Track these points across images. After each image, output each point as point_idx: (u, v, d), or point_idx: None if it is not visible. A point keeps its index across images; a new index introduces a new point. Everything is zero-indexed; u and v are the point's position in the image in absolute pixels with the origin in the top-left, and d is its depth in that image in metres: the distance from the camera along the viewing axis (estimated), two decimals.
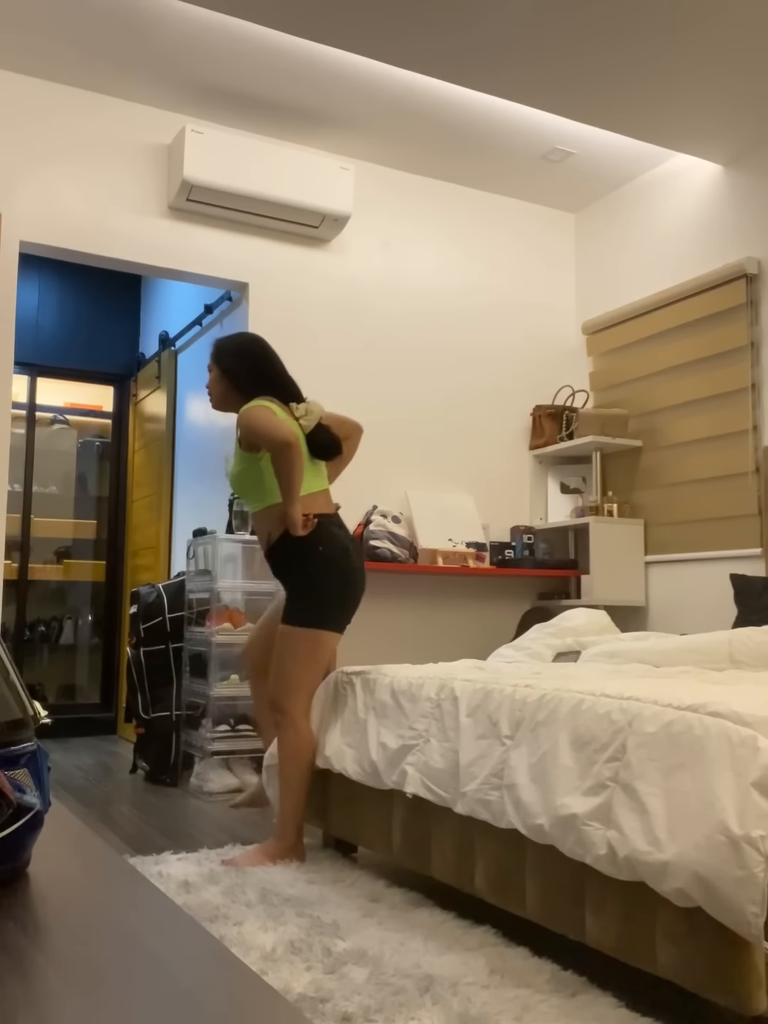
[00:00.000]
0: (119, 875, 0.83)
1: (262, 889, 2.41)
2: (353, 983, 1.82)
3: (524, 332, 5.23)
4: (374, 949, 2.00)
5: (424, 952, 2.00)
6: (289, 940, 2.04)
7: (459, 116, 4.40)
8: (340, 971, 1.87)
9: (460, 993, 1.78)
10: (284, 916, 2.21)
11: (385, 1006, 1.71)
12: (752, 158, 4.43)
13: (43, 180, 4.16)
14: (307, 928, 2.12)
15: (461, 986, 1.81)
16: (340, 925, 2.15)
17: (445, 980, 1.83)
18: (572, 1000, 1.77)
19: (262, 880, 2.49)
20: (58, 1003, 0.56)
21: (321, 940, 2.04)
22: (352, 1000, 1.73)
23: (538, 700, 2.11)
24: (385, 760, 2.49)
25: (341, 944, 2.02)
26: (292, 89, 4.20)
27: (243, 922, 2.16)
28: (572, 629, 3.62)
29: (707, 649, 3.02)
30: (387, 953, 1.98)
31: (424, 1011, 1.70)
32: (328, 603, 2.82)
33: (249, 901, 2.32)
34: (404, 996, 1.76)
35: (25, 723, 0.83)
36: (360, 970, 1.88)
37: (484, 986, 1.82)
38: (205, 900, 2.31)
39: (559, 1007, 1.74)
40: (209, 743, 3.92)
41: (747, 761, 1.63)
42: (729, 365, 4.39)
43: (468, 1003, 1.73)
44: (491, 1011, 1.70)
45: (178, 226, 4.41)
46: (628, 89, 3.94)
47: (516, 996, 1.77)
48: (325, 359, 4.69)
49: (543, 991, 1.81)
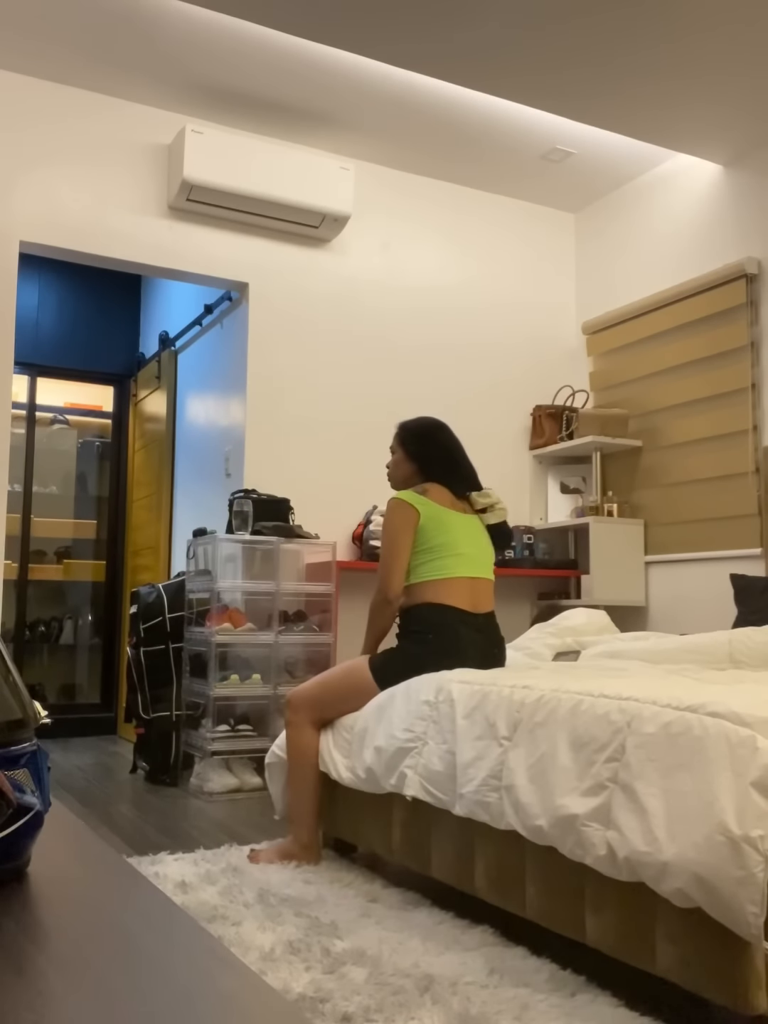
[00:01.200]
0: (119, 875, 0.83)
1: (259, 889, 2.41)
2: (353, 983, 1.82)
3: (524, 332, 5.23)
4: (373, 949, 2.00)
5: (423, 952, 2.00)
6: (288, 940, 2.04)
7: (459, 116, 4.40)
8: (339, 971, 1.87)
9: (460, 993, 1.78)
10: (282, 916, 2.21)
11: (385, 1006, 1.71)
12: (752, 158, 4.43)
13: (43, 180, 4.16)
14: (305, 928, 2.12)
15: (460, 986, 1.81)
16: (338, 925, 2.15)
17: (444, 980, 1.84)
18: (571, 999, 1.77)
19: (259, 880, 2.49)
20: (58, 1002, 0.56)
21: (320, 940, 2.04)
22: (352, 1000, 1.73)
23: (536, 701, 2.10)
24: (382, 764, 2.49)
25: (340, 944, 2.02)
26: (292, 89, 4.20)
27: (241, 922, 2.16)
28: (572, 629, 3.62)
29: (707, 649, 3.02)
30: (386, 953, 1.98)
31: (424, 1011, 1.70)
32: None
33: (247, 901, 2.32)
34: (404, 996, 1.76)
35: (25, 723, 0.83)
36: (359, 970, 1.88)
37: (483, 986, 1.82)
38: (203, 900, 2.31)
39: (558, 1006, 1.74)
40: (209, 743, 3.92)
41: (746, 761, 1.63)
42: (729, 365, 4.39)
43: (468, 1003, 1.73)
44: (491, 1011, 1.70)
45: (178, 226, 4.41)
46: (628, 89, 3.94)
47: (515, 996, 1.77)
48: (325, 359, 4.69)
49: (542, 990, 1.81)
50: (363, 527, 4.53)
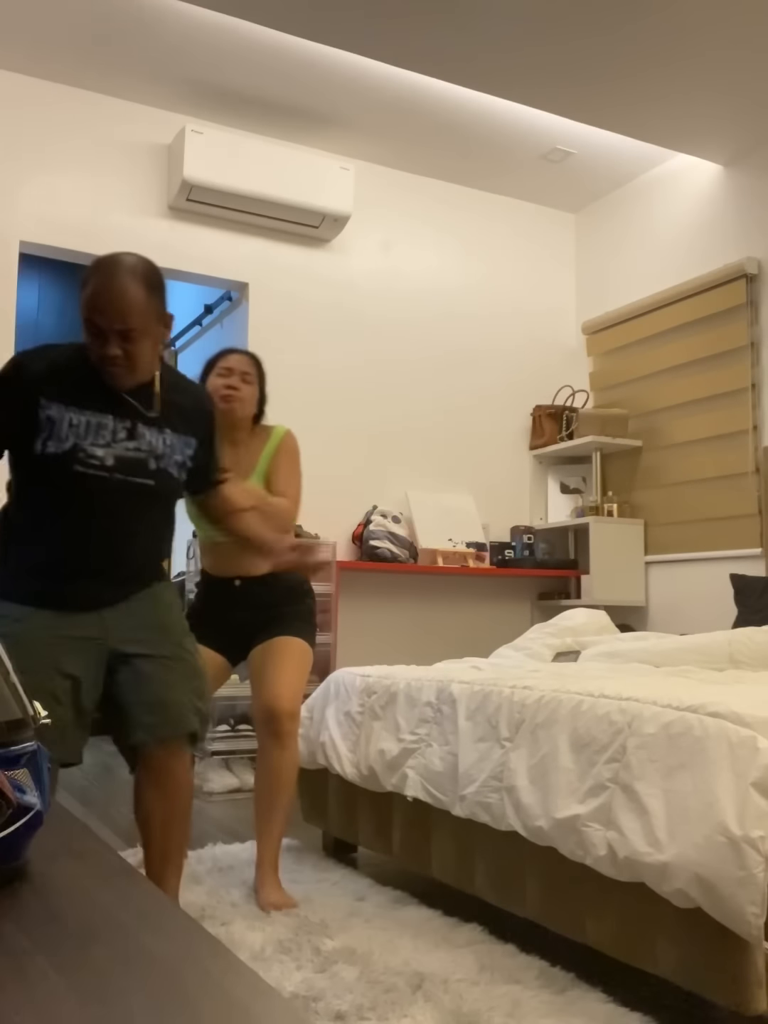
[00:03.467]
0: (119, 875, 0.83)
1: (248, 889, 2.41)
2: (344, 981, 1.82)
3: (524, 332, 5.23)
4: (363, 947, 2.00)
5: (413, 949, 2.00)
6: (278, 939, 2.04)
7: (459, 116, 4.40)
8: (331, 970, 1.87)
9: (451, 990, 1.78)
10: (271, 916, 2.21)
11: (378, 1004, 1.71)
12: (752, 158, 4.43)
13: (43, 180, 4.16)
14: (295, 928, 2.12)
15: (452, 983, 1.81)
16: (328, 924, 2.15)
17: (436, 977, 1.84)
18: (561, 996, 1.77)
19: (246, 880, 2.49)
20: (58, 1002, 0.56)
21: (310, 939, 2.04)
22: (344, 998, 1.73)
23: (537, 702, 2.10)
24: (384, 764, 2.49)
25: (330, 943, 2.03)
26: (292, 89, 4.20)
27: (230, 922, 2.16)
28: (572, 629, 3.62)
29: (707, 649, 3.02)
30: (376, 951, 1.98)
31: (416, 1008, 1.70)
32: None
33: (234, 901, 2.32)
34: (396, 994, 1.76)
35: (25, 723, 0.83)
36: (350, 968, 1.88)
37: (474, 983, 1.82)
38: (190, 901, 2.31)
39: (549, 1003, 1.74)
40: (209, 743, 3.92)
41: (747, 761, 1.63)
42: (729, 365, 4.39)
43: (460, 1000, 1.73)
44: (482, 1007, 1.70)
45: (178, 226, 4.41)
46: (628, 89, 3.94)
47: (506, 992, 1.77)
48: (325, 359, 4.68)
49: (532, 987, 1.81)
50: (363, 527, 4.53)
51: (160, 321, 1.91)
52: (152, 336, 1.89)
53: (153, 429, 1.93)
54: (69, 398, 1.86)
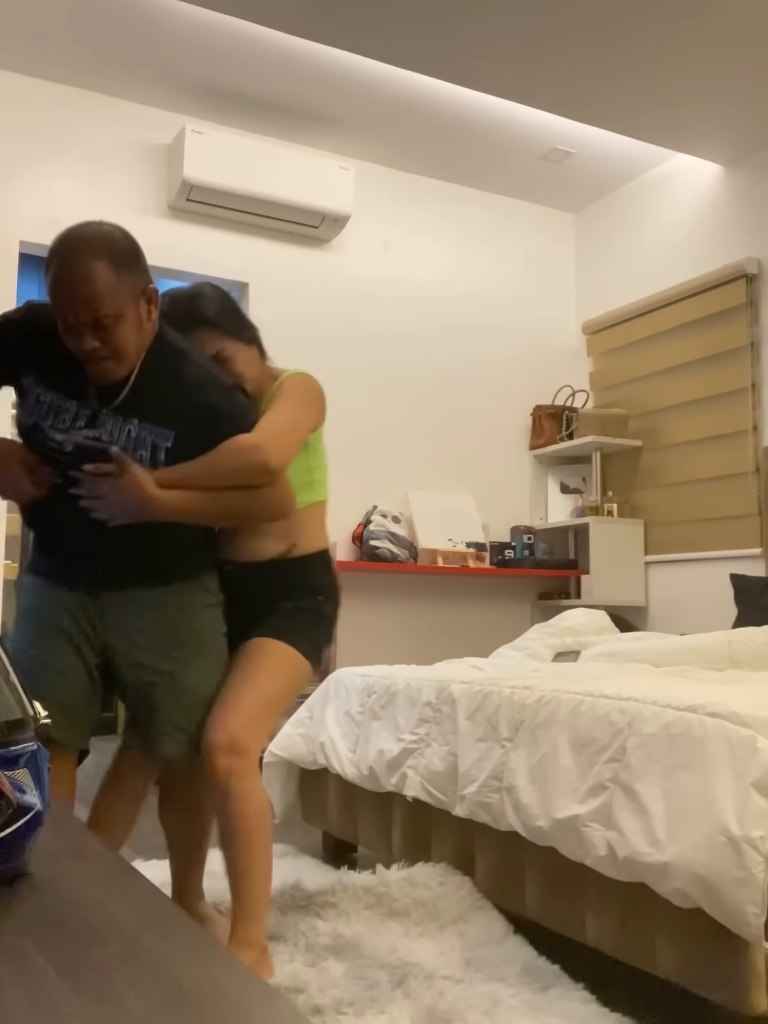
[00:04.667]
0: (120, 876, 0.83)
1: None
2: (330, 976, 1.79)
3: (524, 332, 5.23)
4: (353, 936, 1.98)
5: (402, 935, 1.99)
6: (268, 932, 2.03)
7: (459, 116, 4.40)
8: (320, 965, 1.85)
9: (433, 988, 1.74)
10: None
11: (357, 1000, 1.69)
12: (752, 158, 4.43)
13: (43, 180, 4.16)
14: (284, 919, 2.11)
15: (436, 980, 1.77)
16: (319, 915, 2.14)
17: (420, 973, 1.79)
18: (543, 994, 1.75)
19: None
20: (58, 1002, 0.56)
21: (301, 930, 2.03)
22: (327, 993, 1.71)
23: (537, 702, 2.10)
24: (384, 764, 2.49)
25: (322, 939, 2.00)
26: (292, 89, 4.20)
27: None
28: (571, 629, 3.62)
29: (707, 649, 3.02)
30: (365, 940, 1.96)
31: (395, 1005, 1.68)
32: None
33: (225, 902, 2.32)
34: (377, 991, 1.73)
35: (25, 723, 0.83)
36: (338, 963, 1.85)
37: (458, 981, 1.79)
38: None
39: (528, 1001, 1.71)
40: None
41: (746, 761, 1.63)
42: (729, 365, 4.39)
43: (439, 998, 1.70)
44: (461, 1006, 1.69)
45: (178, 226, 4.41)
46: (628, 89, 3.94)
47: (488, 991, 1.74)
48: (325, 358, 4.67)
49: (514, 984, 1.78)
50: (363, 527, 4.53)
51: (139, 298, 1.67)
52: (132, 318, 1.65)
53: (118, 418, 1.73)
54: (42, 372, 1.74)
